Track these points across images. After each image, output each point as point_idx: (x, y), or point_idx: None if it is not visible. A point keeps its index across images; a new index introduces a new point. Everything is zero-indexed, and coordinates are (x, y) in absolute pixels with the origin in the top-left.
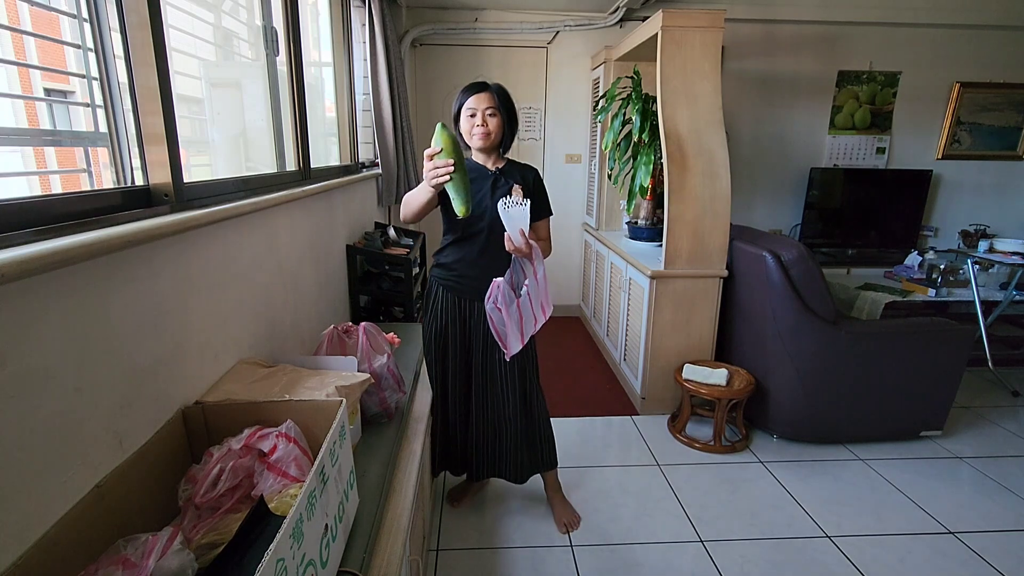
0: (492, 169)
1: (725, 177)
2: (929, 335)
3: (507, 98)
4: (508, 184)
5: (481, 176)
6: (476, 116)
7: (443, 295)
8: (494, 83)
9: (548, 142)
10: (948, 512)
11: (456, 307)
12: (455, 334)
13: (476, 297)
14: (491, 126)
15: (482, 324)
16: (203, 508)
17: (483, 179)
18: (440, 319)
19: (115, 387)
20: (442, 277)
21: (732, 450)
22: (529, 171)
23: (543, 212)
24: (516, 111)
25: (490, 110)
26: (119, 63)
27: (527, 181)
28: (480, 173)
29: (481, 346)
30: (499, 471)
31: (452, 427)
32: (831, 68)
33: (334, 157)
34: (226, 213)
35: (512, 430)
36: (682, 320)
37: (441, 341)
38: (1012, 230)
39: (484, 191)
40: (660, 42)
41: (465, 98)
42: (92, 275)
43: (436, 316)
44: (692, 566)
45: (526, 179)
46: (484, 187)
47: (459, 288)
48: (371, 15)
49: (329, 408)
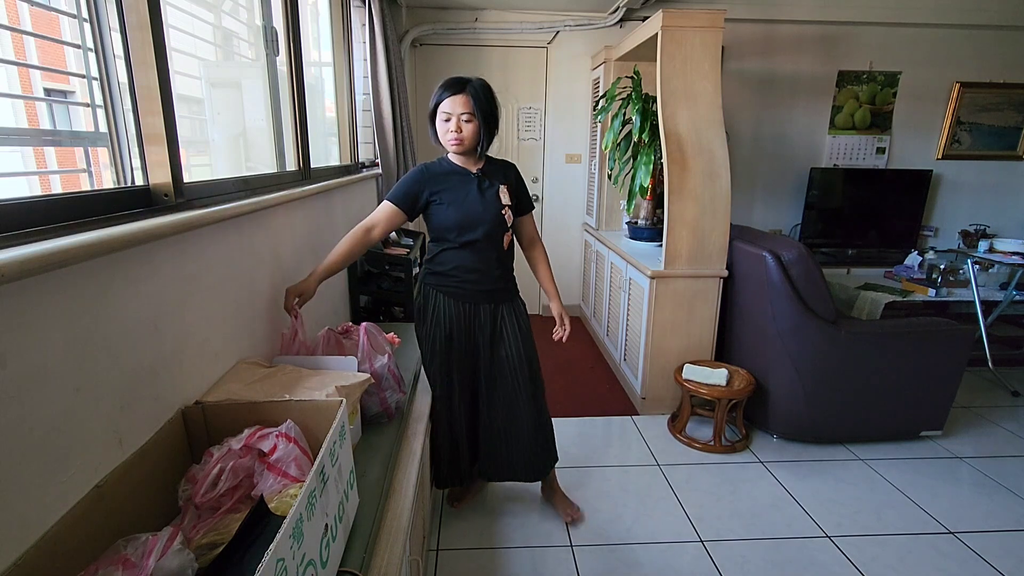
0: (473, 171)
1: (725, 177)
2: (929, 335)
3: (486, 99)
4: (494, 186)
5: (464, 180)
6: (451, 121)
7: (443, 301)
8: (476, 80)
9: (548, 142)
10: (948, 512)
11: (459, 312)
12: (460, 339)
13: (479, 299)
14: (465, 132)
15: (488, 324)
16: (203, 508)
17: (467, 183)
18: (444, 326)
19: (115, 387)
20: (440, 284)
21: (732, 450)
22: (510, 169)
23: (527, 207)
24: (496, 111)
25: (465, 115)
26: (119, 63)
27: (510, 180)
28: (462, 177)
29: (487, 345)
30: (514, 473)
31: (458, 435)
32: (831, 68)
33: (334, 157)
34: (226, 213)
35: (526, 427)
36: (682, 320)
37: (446, 347)
38: (1012, 230)
39: (471, 196)
40: (660, 42)
41: (441, 97)
42: (92, 275)
43: (439, 323)
44: (692, 566)
45: (508, 178)
46: (470, 191)
47: (460, 293)
48: (371, 15)
49: (329, 408)
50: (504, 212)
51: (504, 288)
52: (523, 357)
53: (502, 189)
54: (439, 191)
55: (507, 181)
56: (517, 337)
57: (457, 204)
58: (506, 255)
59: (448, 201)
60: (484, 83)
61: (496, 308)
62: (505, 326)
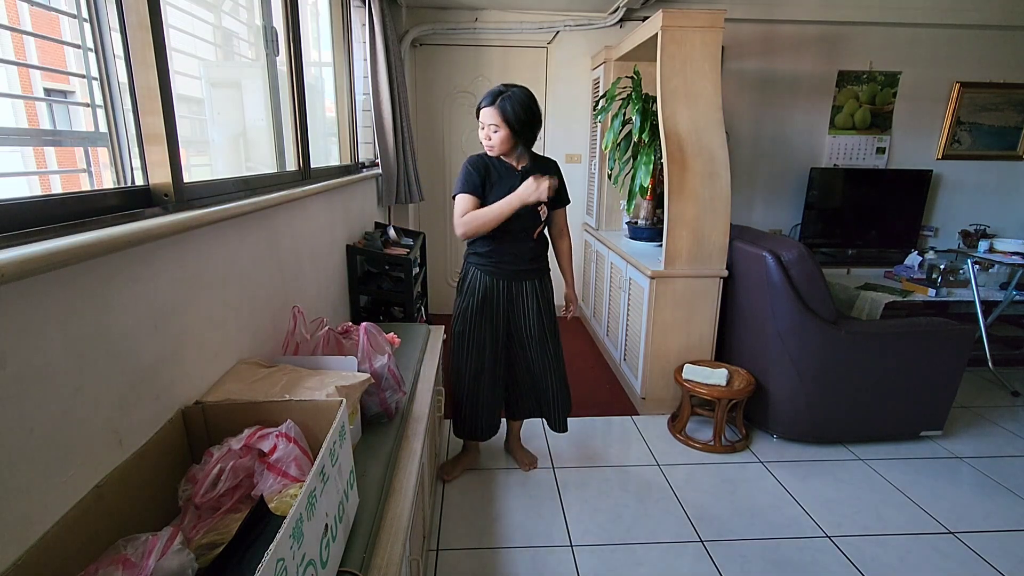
0: (518, 168)
1: (725, 177)
2: (929, 335)
3: (513, 111)
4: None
5: (509, 175)
6: (484, 130)
7: (480, 276)
8: (511, 92)
9: (548, 142)
10: (948, 512)
11: (495, 285)
12: (497, 304)
13: (512, 277)
14: (494, 140)
15: (520, 296)
16: (203, 508)
17: (511, 178)
18: (478, 294)
19: (115, 387)
20: (479, 263)
21: (732, 450)
22: (552, 165)
23: (563, 201)
24: (531, 119)
25: (493, 126)
26: (119, 63)
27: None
28: (508, 172)
29: (522, 312)
30: (544, 412)
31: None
32: (831, 68)
33: (334, 157)
34: (226, 213)
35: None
36: (682, 320)
37: (480, 311)
38: (1012, 230)
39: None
40: (660, 42)
41: (479, 107)
42: (92, 275)
43: (474, 292)
44: (692, 566)
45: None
46: (514, 186)
47: (497, 271)
48: (371, 15)
49: (329, 408)
50: (540, 209)
51: (536, 268)
52: (544, 326)
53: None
54: (492, 181)
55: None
56: (541, 309)
57: (500, 196)
58: (538, 243)
59: (497, 192)
60: (520, 95)
61: (526, 285)
62: (534, 298)
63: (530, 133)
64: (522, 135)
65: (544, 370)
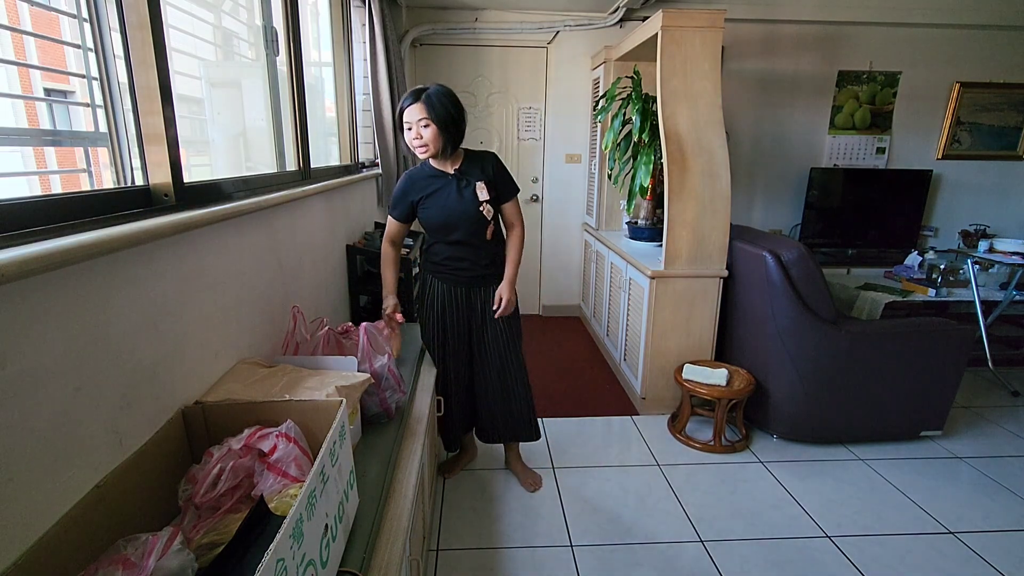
0: (451, 172)
1: (725, 177)
2: (929, 335)
3: (440, 104)
4: (471, 184)
5: (444, 182)
6: (412, 130)
7: (438, 285)
8: (433, 87)
9: (548, 142)
10: (948, 512)
11: (451, 293)
12: (453, 315)
13: (469, 283)
14: (426, 137)
15: (478, 303)
16: (203, 508)
17: (446, 185)
18: (437, 304)
19: (115, 387)
20: (435, 271)
21: (732, 450)
22: (487, 159)
23: (508, 194)
24: (456, 113)
25: (423, 121)
26: (119, 63)
27: (487, 172)
28: (441, 179)
29: (479, 320)
30: (515, 429)
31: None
32: (831, 68)
33: (334, 157)
34: (226, 213)
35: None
36: (682, 320)
37: (440, 323)
38: (1012, 230)
39: (451, 198)
40: (660, 42)
41: (401, 108)
42: (92, 275)
43: (433, 302)
44: (692, 566)
45: (486, 170)
46: (450, 193)
47: (452, 279)
48: (371, 15)
49: (329, 408)
50: (482, 208)
51: (493, 273)
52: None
53: (479, 186)
54: (423, 196)
55: (484, 175)
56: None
57: (439, 207)
58: (491, 244)
59: (431, 204)
60: (441, 90)
61: (486, 291)
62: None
63: (456, 129)
64: (450, 131)
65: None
